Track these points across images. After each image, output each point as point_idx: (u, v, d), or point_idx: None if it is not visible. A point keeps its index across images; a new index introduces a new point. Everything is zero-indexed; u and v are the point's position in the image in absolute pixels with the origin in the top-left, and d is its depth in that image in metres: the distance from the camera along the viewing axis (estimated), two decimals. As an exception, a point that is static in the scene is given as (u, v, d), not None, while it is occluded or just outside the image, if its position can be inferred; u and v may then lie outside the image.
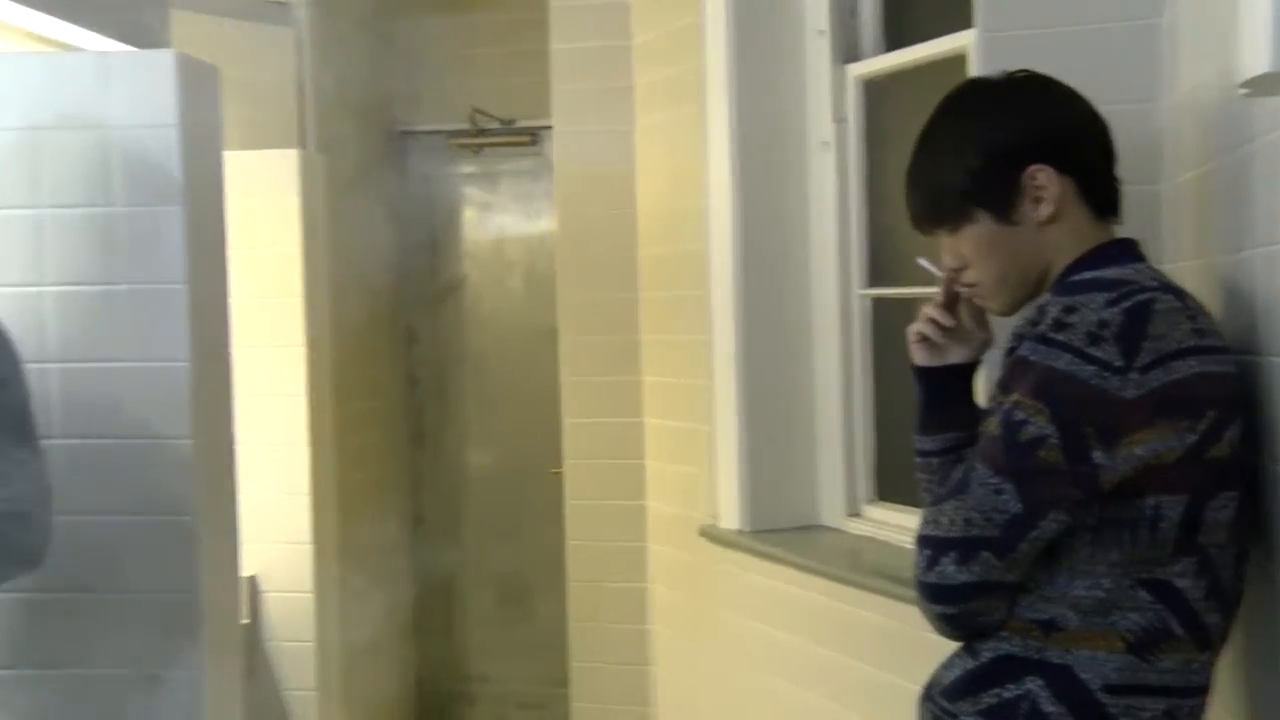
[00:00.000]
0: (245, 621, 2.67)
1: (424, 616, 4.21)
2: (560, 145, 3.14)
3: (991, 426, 1.14)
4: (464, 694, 4.20)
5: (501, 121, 3.98)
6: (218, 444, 1.80)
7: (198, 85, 1.72)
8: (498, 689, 4.18)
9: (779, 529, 2.46)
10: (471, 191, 4.19)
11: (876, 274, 2.41)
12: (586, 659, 3.21)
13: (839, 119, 2.41)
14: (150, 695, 1.73)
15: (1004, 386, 1.15)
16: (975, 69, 1.81)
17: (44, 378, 1.65)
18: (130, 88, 1.69)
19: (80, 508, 1.60)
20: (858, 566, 2.20)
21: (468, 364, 4.20)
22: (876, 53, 2.38)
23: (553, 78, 3.13)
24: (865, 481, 2.44)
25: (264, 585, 2.86)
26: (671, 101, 2.81)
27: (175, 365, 1.71)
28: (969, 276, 1.26)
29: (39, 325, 1.66)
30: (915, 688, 1.27)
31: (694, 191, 2.63)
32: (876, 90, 2.39)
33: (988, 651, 1.17)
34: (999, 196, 1.21)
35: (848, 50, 2.42)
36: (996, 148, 1.22)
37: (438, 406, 4.22)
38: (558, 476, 3.29)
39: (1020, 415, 1.10)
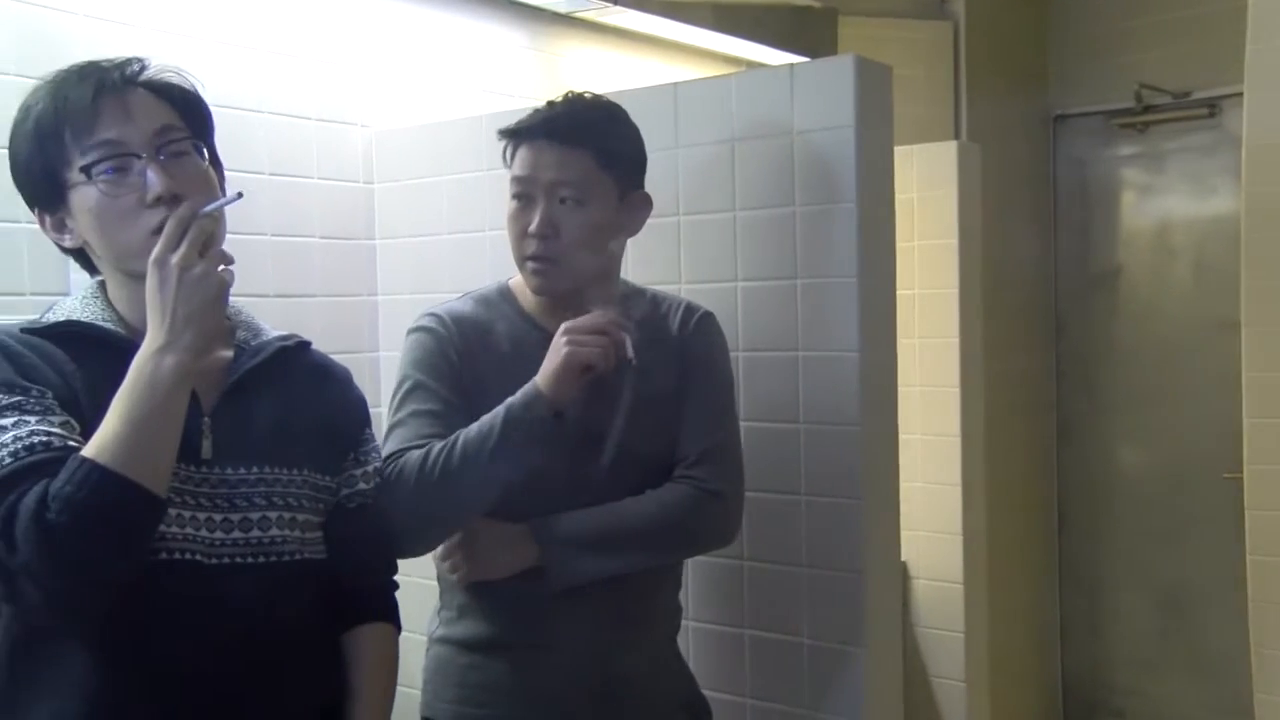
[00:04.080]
0: (896, 604, 2.74)
1: (1070, 619, 4.03)
2: (1252, 114, 2.78)
3: None
4: (1112, 707, 3.96)
5: (1173, 95, 3.65)
6: (883, 431, 1.86)
7: (873, 86, 1.78)
8: (1152, 708, 3.87)
9: None
10: (1131, 174, 3.91)
11: None
12: (1276, 692, 2.83)
13: None
14: (818, 663, 1.85)
15: None
16: None
17: (734, 365, 1.83)
18: (813, 94, 1.79)
19: (759, 485, 1.74)
20: None
21: (1120, 357, 3.93)
22: None
23: (1247, 37, 2.77)
24: None
25: (914, 572, 2.92)
26: None
27: (846, 355, 1.79)
28: None
29: (730, 317, 1.83)
30: None
31: None
32: None
33: None
34: None
35: None
36: None
37: (1086, 401, 4.01)
38: (1232, 482, 2.96)
39: None
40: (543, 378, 1.50)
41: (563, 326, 1.52)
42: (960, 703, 2.86)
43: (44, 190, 1.27)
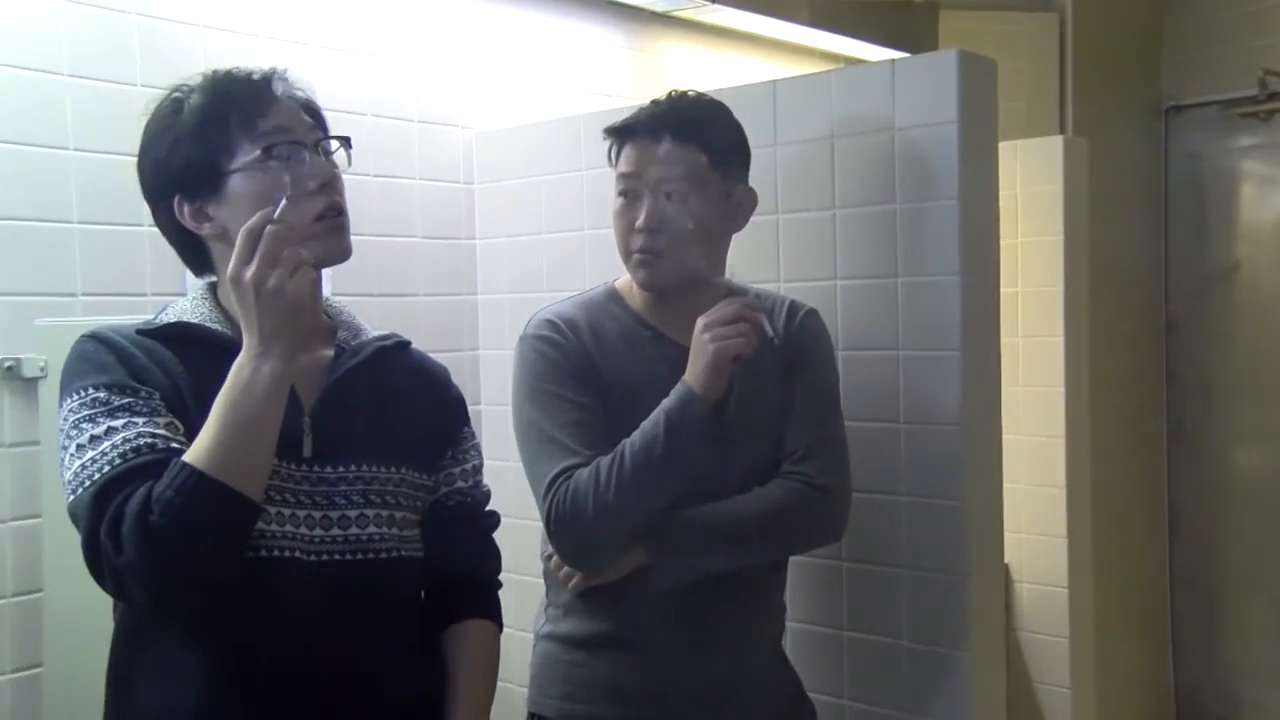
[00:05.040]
0: (998, 608, 2.69)
1: (1183, 627, 3.90)
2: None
3: None
4: None
5: (1301, 81, 3.51)
6: (986, 433, 1.82)
7: (977, 80, 1.75)
8: (1274, 720, 3.73)
9: None
10: (1252, 166, 3.77)
11: None
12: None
13: None
14: (919, 666, 1.82)
15: None
16: None
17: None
18: (915, 90, 1.77)
19: (858, 484, 1.72)
20: None
21: (1238, 356, 3.79)
22: None
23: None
24: None
25: (1016, 575, 2.86)
26: None
27: (948, 354, 1.77)
28: None
29: (829, 316, 1.81)
30: None
31: None
32: None
33: None
34: None
35: None
36: None
37: (1199, 402, 3.87)
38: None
39: None
40: (693, 377, 1.51)
41: (700, 323, 1.52)
42: (1065, 710, 2.80)
43: (196, 176, 1.30)
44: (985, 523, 1.82)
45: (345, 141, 1.37)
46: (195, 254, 1.37)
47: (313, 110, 1.37)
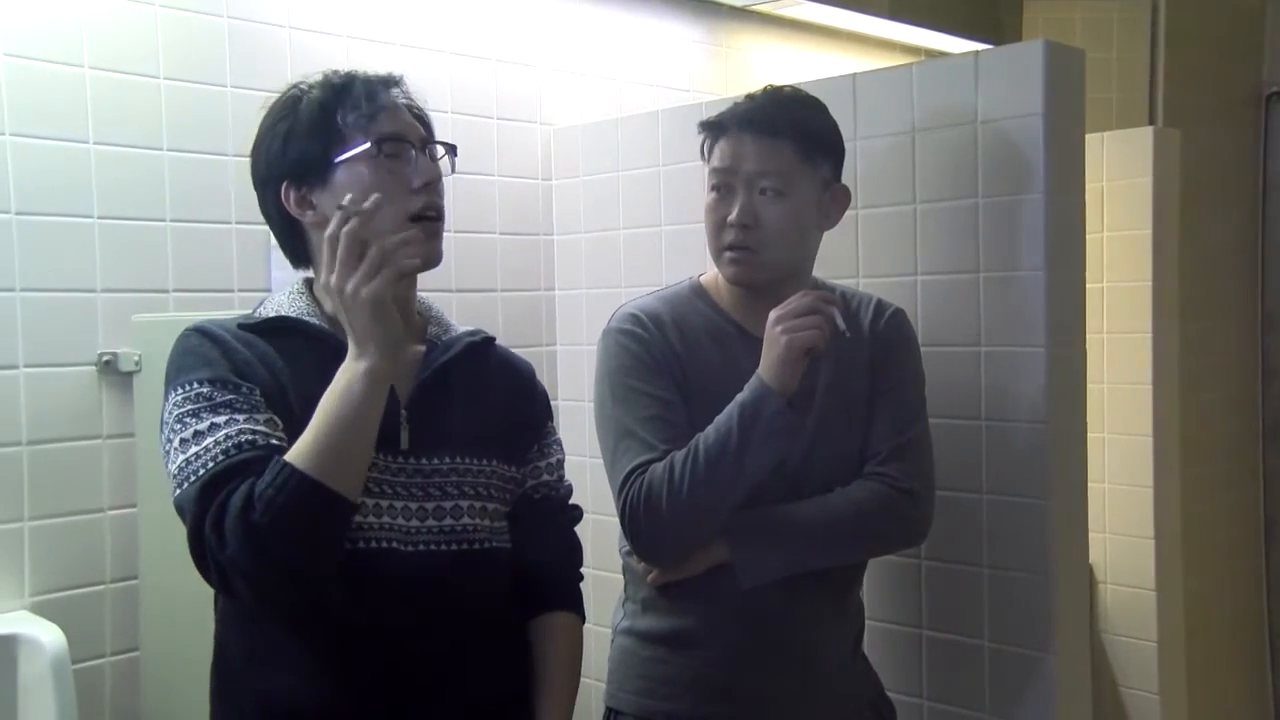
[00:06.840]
0: (1083, 610, 2.63)
1: None
2: None
3: None
4: (1330, 730, 3.69)
5: None
6: (1071, 430, 1.79)
7: (1064, 71, 1.71)
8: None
9: None
10: (1355, 155, 3.63)
11: None
12: None
13: None
14: (1000, 667, 1.80)
15: None
16: None
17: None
18: (999, 82, 1.74)
19: (942, 482, 1.70)
20: None
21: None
22: None
23: None
24: None
25: (1101, 576, 2.79)
26: None
27: (1033, 350, 1.74)
28: None
29: (910, 312, 1.79)
30: None
31: None
32: None
33: None
34: None
35: None
36: None
37: (1298, 400, 3.75)
38: None
39: None
40: (766, 370, 1.50)
41: (772, 316, 1.52)
42: (1154, 716, 2.73)
43: (306, 164, 1.33)
44: (1069, 522, 1.79)
45: (451, 149, 1.40)
46: (295, 242, 1.40)
47: (423, 118, 1.40)
